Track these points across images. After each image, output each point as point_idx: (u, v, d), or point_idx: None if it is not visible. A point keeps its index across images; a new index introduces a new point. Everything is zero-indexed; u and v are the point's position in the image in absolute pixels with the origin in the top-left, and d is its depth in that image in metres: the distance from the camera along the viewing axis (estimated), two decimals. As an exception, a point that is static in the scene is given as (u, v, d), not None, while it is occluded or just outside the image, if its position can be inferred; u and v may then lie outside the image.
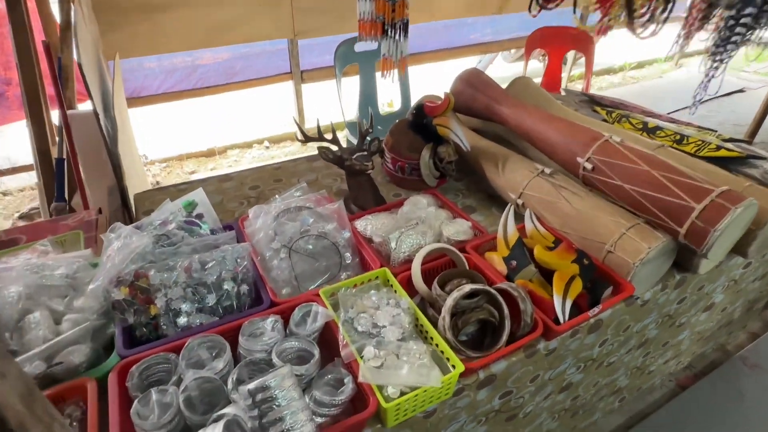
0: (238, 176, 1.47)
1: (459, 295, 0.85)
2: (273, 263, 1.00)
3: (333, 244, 1.05)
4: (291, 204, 1.13)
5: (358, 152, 1.24)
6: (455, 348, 0.83)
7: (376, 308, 0.89)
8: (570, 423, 1.36)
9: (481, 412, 0.96)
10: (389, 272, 0.97)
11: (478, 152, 1.36)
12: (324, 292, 0.92)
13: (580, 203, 1.08)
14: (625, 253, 0.98)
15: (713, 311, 1.43)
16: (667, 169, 1.00)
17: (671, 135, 1.53)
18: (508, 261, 1.00)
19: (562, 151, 1.19)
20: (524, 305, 0.87)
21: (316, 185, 1.43)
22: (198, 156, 3.05)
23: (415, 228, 1.07)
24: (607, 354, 1.16)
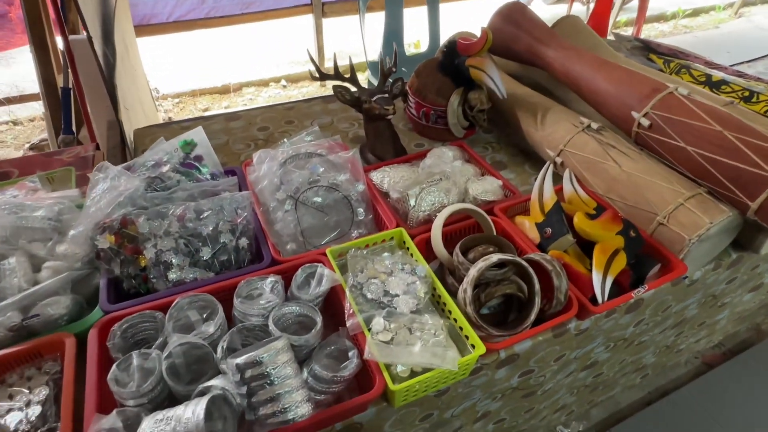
0: (247, 115, 1.34)
1: (485, 265, 0.74)
2: (277, 215, 0.90)
3: (345, 198, 0.93)
4: (300, 149, 1.01)
5: (378, 94, 1.09)
6: (476, 324, 0.73)
7: (388, 274, 0.79)
8: (588, 398, 1.29)
9: (497, 390, 0.88)
10: (406, 233, 0.86)
11: (515, 101, 1.20)
12: (331, 251, 0.81)
13: (631, 165, 0.94)
14: (680, 226, 0.84)
15: (760, 291, 1.30)
16: (744, 131, 0.84)
17: (739, 91, 1.33)
18: (542, 228, 0.87)
19: (614, 104, 1.03)
20: (559, 281, 0.75)
21: (330, 129, 1.30)
22: (212, 93, 2.90)
23: (437, 184, 0.94)
24: (640, 333, 1.06)
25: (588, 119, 1.06)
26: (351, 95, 1.10)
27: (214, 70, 3.02)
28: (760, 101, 1.29)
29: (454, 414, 0.86)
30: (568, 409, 1.28)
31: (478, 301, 0.77)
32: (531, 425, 1.19)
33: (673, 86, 0.95)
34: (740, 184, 0.82)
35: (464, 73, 1.15)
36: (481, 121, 1.19)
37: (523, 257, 0.80)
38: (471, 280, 0.74)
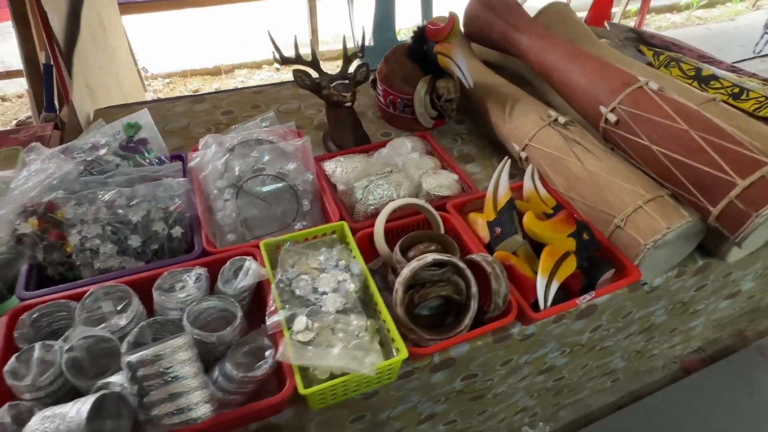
0: (213, 98, 1.30)
1: (418, 265, 0.70)
2: (218, 204, 0.86)
3: (291, 188, 0.90)
4: (252, 135, 0.97)
5: (338, 80, 1.05)
6: (406, 327, 0.70)
7: (321, 270, 0.75)
8: (552, 400, 1.26)
9: (439, 393, 0.85)
10: (347, 227, 0.82)
11: (485, 91, 1.14)
12: (265, 244, 0.78)
13: (593, 164, 0.89)
14: (637, 230, 0.79)
15: (737, 299, 1.24)
16: (711, 130, 0.79)
17: (728, 87, 1.26)
18: (492, 227, 0.83)
19: (584, 98, 0.97)
20: (497, 284, 0.71)
21: (296, 115, 1.25)
22: (203, 73, 2.86)
23: (388, 177, 0.90)
24: (601, 339, 1.01)
25: (557, 113, 1.01)
26: (311, 80, 1.05)
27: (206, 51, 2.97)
28: (750, 99, 1.22)
29: (391, 416, 0.83)
30: (531, 411, 1.25)
31: (412, 302, 0.73)
32: (489, 426, 1.16)
33: (644, 80, 0.89)
34: (702, 187, 0.77)
35: (432, 60, 1.10)
36: (449, 111, 1.14)
37: (466, 258, 0.76)
38: (403, 281, 0.70)
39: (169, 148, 1.11)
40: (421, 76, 1.13)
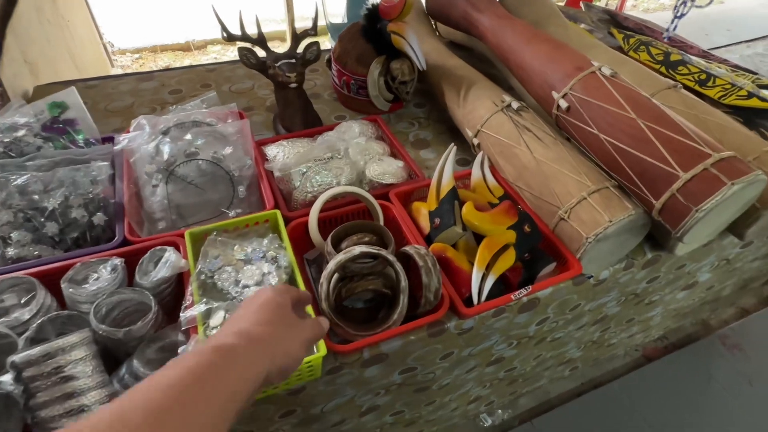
0: (161, 76, 1.24)
1: (345, 258, 0.67)
2: (146, 190, 0.82)
3: (227, 173, 0.85)
4: (190, 117, 0.92)
5: (285, 59, 1.00)
6: (332, 321, 0.67)
7: (247, 261, 0.72)
8: (507, 389, 1.25)
9: (377, 386, 0.83)
10: (280, 216, 0.78)
11: (442, 73, 1.10)
12: (191, 233, 0.74)
13: (542, 152, 0.85)
14: (580, 223, 0.76)
15: (695, 290, 1.23)
16: (660, 120, 0.75)
17: (696, 73, 1.22)
18: (432, 217, 0.80)
19: (538, 82, 0.93)
20: (428, 279, 0.68)
21: (248, 96, 1.20)
22: (174, 49, 2.76)
23: (328, 163, 0.86)
24: (550, 331, 1.00)
25: (513, 97, 0.97)
26: (257, 59, 1.00)
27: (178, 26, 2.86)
28: (716, 86, 1.18)
29: (325, 410, 0.81)
30: (486, 400, 1.24)
31: (340, 295, 0.70)
32: (441, 415, 1.15)
33: (597, 65, 0.85)
34: (646, 179, 0.74)
35: (387, 40, 1.05)
36: (404, 95, 1.09)
37: (400, 250, 0.73)
38: (328, 274, 0.67)
39: (110, 129, 1.06)
40: (375, 56, 1.08)
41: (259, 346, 0.40)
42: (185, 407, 0.32)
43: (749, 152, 0.86)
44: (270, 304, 0.45)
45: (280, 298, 0.46)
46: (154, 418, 0.30)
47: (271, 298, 0.45)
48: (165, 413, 0.31)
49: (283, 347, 0.42)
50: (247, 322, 0.42)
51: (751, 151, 0.86)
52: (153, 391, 0.32)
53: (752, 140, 0.89)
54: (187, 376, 0.34)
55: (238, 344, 0.39)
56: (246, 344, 0.39)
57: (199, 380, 0.34)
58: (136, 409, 0.31)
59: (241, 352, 0.38)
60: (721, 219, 0.77)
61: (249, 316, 0.43)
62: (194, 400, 0.33)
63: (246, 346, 0.39)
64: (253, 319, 0.43)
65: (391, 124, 1.15)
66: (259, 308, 0.44)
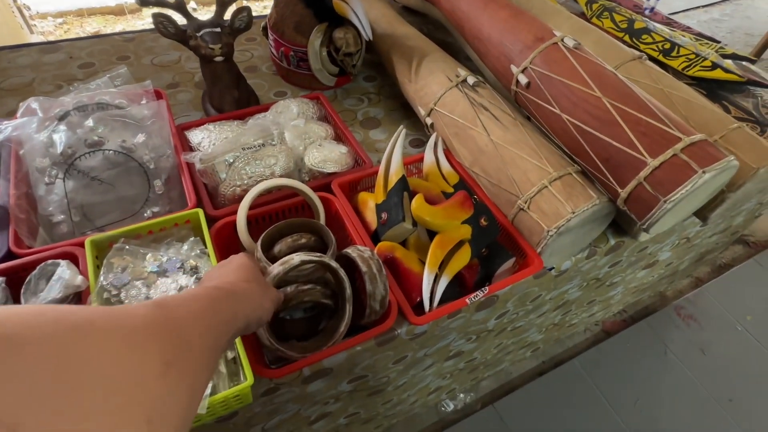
0: (70, 47, 1.07)
1: (283, 270, 0.57)
2: (39, 189, 0.69)
3: (140, 166, 0.73)
4: (94, 99, 0.78)
5: (209, 27, 0.86)
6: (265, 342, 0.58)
7: (161, 273, 0.61)
8: (468, 377, 1.21)
9: (324, 397, 0.76)
10: (202, 216, 0.67)
11: (392, 44, 0.99)
12: (93, 241, 0.63)
13: (499, 134, 0.77)
14: (540, 214, 0.70)
15: (655, 268, 1.21)
16: (626, 99, 0.68)
17: (660, 42, 1.16)
18: (379, 211, 0.71)
19: (495, 54, 0.84)
20: (372, 286, 0.60)
21: (173, 70, 1.05)
22: (104, 13, 2.48)
23: (259, 151, 0.75)
24: (510, 322, 0.95)
25: (468, 71, 0.87)
26: (176, 28, 0.85)
27: (107, -14, 2.57)
28: (680, 56, 1.12)
29: (266, 428, 0.73)
30: (446, 389, 1.21)
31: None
32: (400, 410, 1.10)
33: (559, 35, 0.77)
34: (612, 166, 0.67)
35: (328, 5, 0.92)
36: (350, 68, 0.98)
37: (341, 252, 0.64)
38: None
39: (5, 111, 0.90)
40: (315, 24, 0.95)
41: (244, 296, 0.44)
42: (205, 317, 0.35)
43: (715, 130, 0.81)
44: (247, 266, 0.50)
45: (252, 262, 0.51)
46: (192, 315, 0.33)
47: (246, 261, 0.51)
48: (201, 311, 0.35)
49: (260, 301, 0.46)
50: (231, 277, 0.47)
51: (717, 129, 0.81)
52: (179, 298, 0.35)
53: (718, 117, 0.83)
54: (199, 299, 0.37)
55: (229, 288, 0.43)
56: (235, 290, 0.43)
57: (212, 301, 0.38)
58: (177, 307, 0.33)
59: (233, 295, 0.42)
60: (689, 207, 0.72)
61: (230, 273, 0.48)
62: (212, 314, 0.36)
63: (236, 291, 0.43)
64: (234, 276, 0.47)
65: (338, 101, 1.03)
66: (238, 268, 0.49)
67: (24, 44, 1.04)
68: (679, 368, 1.47)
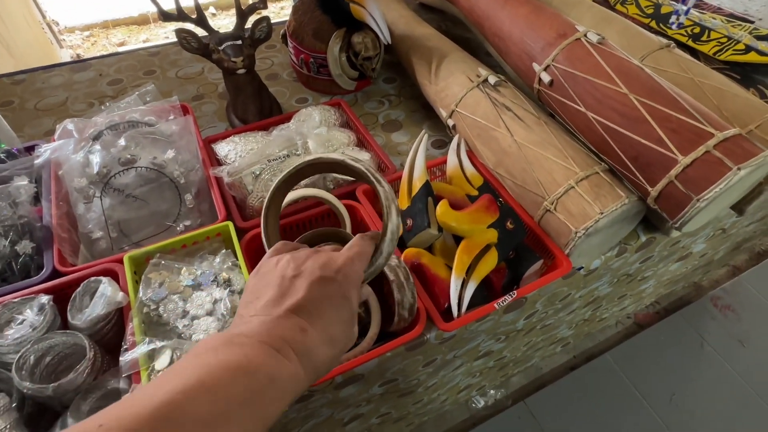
0: (98, 64, 1.11)
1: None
2: (78, 208, 0.72)
3: (171, 181, 0.76)
4: (125, 117, 0.81)
5: (230, 40, 0.87)
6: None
7: (196, 287, 0.63)
8: (498, 374, 1.21)
9: (356, 401, 0.77)
10: (232, 228, 0.69)
11: (411, 45, 0.98)
12: (130, 257, 0.65)
13: (523, 134, 0.76)
14: (568, 215, 0.69)
15: (689, 259, 1.18)
16: (654, 94, 0.66)
17: (689, 27, 1.12)
18: (404, 217, 0.71)
19: (516, 52, 0.83)
20: (401, 294, 0.61)
21: (197, 81, 1.08)
22: (128, 23, 2.55)
23: (284, 161, 0.76)
24: (540, 320, 0.94)
25: (489, 70, 0.86)
26: (198, 42, 0.87)
27: (130, -3, 2.63)
28: (711, 40, 1.08)
29: (303, 431, 0.75)
30: (477, 386, 1.21)
31: (302, 319, 0.63)
32: (430, 408, 1.12)
33: (582, 31, 0.75)
34: (641, 164, 0.66)
35: (345, 10, 0.93)
36: (369, 71, 0.98)
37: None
38: (287, 299, 0.59)
39: (43, 132, 0.95)
40: (334, 29, 0.96)
41: (309, 376, 0.34)
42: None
43: (751, 119, 0.78)
44: (343, 318, 0.37)
45: (353, 306, 0.38)
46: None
47: (349, 309, 0.37)
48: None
49: (323, 371, 0.35)
50: (313, 337, 0.34)
51: (752, 118, 0.78)
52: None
53: (753, 105, 0.80)
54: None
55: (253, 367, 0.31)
56: (297, 371, 0.33)
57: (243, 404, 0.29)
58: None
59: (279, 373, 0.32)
60: (724, 203, 0.69)
61: (318, 326, 0.35)
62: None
63: (295, 375, 0.33)
64: (319, 336, 0.35)
65: (359, 104, 1.04)
66: (335, 319, 0.36)
67: (56, 64, 1.08)
68: (717, 361, 1.43)
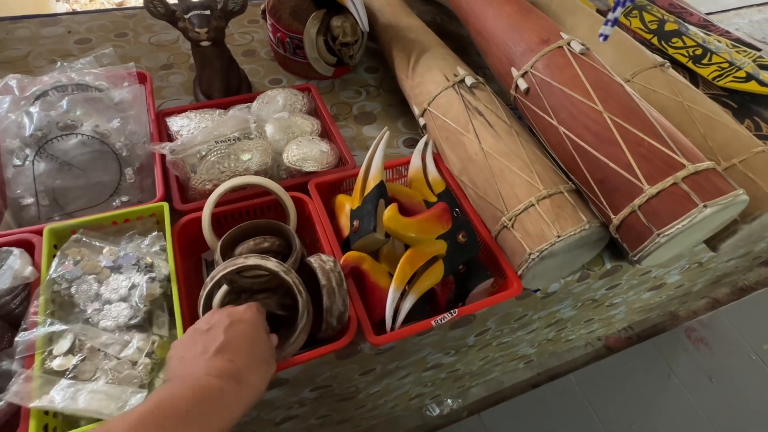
0: (69, 20, 1.05)
1: (226, 270, 0.54)
2: (8, 171, 0.68)
3: (113, 152, 0.71)
4: (74, 79, 0.76)
5: (198, 9, 0.82)
6: (212, 348, 0.55)
7: (115, 269, 0.59)
8: (454, 385, 1.18)
9: (285, 404, 0.73)
10: (167, 210, 0.65)
11: (393, 35, 0.93)
12: (52, 230, 0.61)
13: (491, 143, 0.71)
14: (524, 234, 0.64)
15: (663, 289, 1.14)
16: (630, 115, 0.61)
17: (691, 48, 1.07)
18: (353, 218, 0.67)
19: (497, 55, 0.78)
20: (330, 301, 0.57)
21: (169, 50, 1.02)
22: (130, -17, 2.47)
23: (234, 144, 0.72)
24: (495, 338, 0.90)
25: (468, 70, 0.81)
26: (165, 7, 0.82)
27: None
28: (712, 63, 1.03)
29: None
30: (430, 395, 1.18)
31: (224, 316, 0.59)
32: (378, 413, 1.08)
33: (566, 38, 0.70)
34: (606, 188, 0.61)
35: (327, -9, 0.87)
36: (347, 58, 0.93)
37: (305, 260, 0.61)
38: (204, 294, 0.55)
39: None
40: (313, 10, 0.90)
41: (248, 393, 0.43)
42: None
43: (736, 152, 0.73)
44: (258, 345, 0.48)
45: (245, 327, 0.48)
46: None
47: (261, 338, 0.49)
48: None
49: (260, 387, 0.46)
50: (239, 363, 0.44)
51: (738, 151, 0.73)
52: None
53: (741, 138, 0.75)
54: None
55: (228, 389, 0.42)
56: (237, 390, 0.42)
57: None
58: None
59: (230, 397, 0.41)
60: (689, 240, 0.65)
61: (241, 355, 0.45)
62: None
63: (237, 392, 0.42)
64: (244, 361, 0.45)
65: (335, 92, 0.99)
66: (250, 348, 0.47)
67: (24, 16, 1.03)
68: (682, 394, 1.39)
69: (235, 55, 0.91)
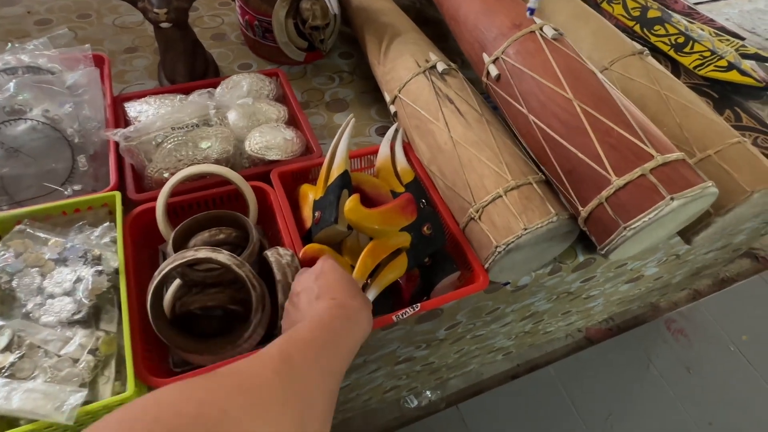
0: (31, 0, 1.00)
1: (176, 263, 0.52)
2: (-49, 157, 0.64)
3: (64, 139, 0.68)
4: (24, 61, 0.72)
5: (160, -11, 0.78)
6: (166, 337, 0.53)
7: (61, 261, 0.56)
8: (430, 377, 1.17)
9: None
10: (119, 200, 0.62)
11: (366, 19, 0.90)
12: (-6, 220, 0.58)
13: (461, 131, 0.69)
14: (491, 226, 0.62)
15: (641, 281, 1.13)
16: (599, 103, 0.59)
17: (674, 35, 1.04)
18: (315, 209, 0.65)
19: (469, 40, 0.75)
20: (285, 297, 0.54)
21: (134, 33, 0.98)
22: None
23: (193, 131, 0.68)
24: (468, 331, 0.89)
25: (440, 56, 0.79)
26: (125, -14, 0.78)
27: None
28: (694, 52, 1.01)
29: None
30: (406, 387, 1.16)
31: (173, 309, 0.56)
32: (351, 406, 1.07)
33: (539, 23, 0.67)
34: (574, 179, 0.59)
35: (296, -29, 0.84)
36: (318, 42, 0.90)
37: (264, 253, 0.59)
38: (153, 288, 0.52)
39: (-51, 65, 0.85)
40: (282, -9, 0.87)
41: (356, 319, 0.46)
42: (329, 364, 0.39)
43: (712, 143, 0.71)
44: (345, 276, 0.50)
45: (342, 268, 0.52)
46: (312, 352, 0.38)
47: (341, 269, 0.51)
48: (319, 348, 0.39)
49: (367, 320, 0.48)
50: (338, 294, 0.47)
51: (713, 142, 0.71)
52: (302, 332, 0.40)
53: (718, 129, 0.73)
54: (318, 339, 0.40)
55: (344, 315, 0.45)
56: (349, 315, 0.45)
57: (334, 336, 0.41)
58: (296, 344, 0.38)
59: (347, 321, 0.44)
60: (658, 234, 0.63)
61: (334, 287, 0.48)
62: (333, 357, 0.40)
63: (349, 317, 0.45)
64: (340, 292, 0.47)
65: (307, 77, 0.96)
66: (340, 280, 0.49)
67: (-18, -6, 0.98)
68: (660, 385, 1.40)
69: (204, 39, 0.88)
